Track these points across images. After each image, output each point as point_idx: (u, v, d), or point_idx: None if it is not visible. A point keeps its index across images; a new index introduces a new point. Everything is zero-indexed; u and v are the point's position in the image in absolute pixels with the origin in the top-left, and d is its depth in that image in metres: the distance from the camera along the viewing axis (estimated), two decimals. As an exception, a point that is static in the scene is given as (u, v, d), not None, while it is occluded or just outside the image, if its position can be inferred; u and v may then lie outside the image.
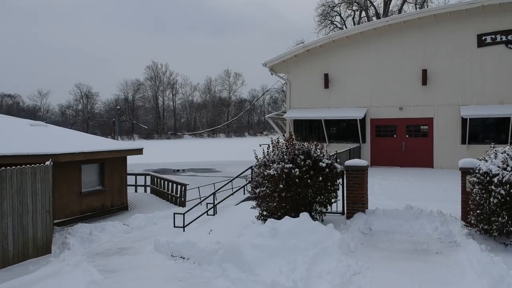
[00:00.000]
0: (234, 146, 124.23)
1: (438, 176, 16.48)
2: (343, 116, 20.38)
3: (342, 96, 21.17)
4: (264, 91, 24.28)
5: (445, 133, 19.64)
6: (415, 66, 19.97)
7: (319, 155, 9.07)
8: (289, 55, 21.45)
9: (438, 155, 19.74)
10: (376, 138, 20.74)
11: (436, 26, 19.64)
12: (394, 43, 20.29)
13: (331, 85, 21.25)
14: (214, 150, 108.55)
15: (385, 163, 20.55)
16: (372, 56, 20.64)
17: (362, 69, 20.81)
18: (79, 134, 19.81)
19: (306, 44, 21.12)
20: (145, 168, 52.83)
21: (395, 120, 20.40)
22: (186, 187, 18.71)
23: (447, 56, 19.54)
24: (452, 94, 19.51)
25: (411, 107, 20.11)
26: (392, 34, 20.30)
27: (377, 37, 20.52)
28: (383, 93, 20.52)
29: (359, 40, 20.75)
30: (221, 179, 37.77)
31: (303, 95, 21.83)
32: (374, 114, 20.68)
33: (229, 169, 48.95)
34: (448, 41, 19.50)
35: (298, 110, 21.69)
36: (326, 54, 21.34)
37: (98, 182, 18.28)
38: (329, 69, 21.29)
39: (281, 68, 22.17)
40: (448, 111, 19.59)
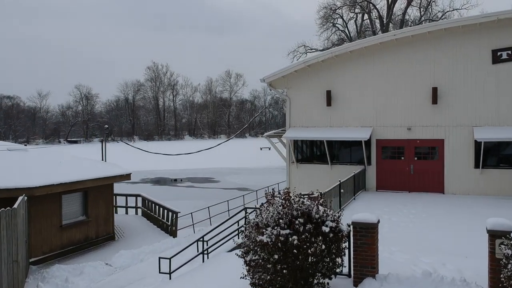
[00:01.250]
0: (234, 148, 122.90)
1: (452, 208, 15.05)
2: (346, 138, 18.95)
3: (346, 115, 19.74)
4: (263, 108, 22.63)
5: (457, 156, 18.21)
6: (425, 84, 18.54)
7: (321, 216, 7.66)
8: (289, 70, 20.02)
9: (449, 179, 18.31)
10: (382, 160, 19.31)
11: (447, 40, 18.20)
12: (402, 59, 18.86)
13: (334, 102, 19.83)
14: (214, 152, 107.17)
15: (391, 187, 19.13)
16: (378, 72, 19.21)
17: (367, 86, 19.39)
18: (62, 159, 18.41)
19: (307, 59, 19.70)
20: (143, 176, 51.59)
21: (403, 141, 18.97)
22: (177, 215, 17.32)
23: (459, 73, 18.10)
24: (465, 114, 18.08)
25: (420, 128, 18.68)
26: (399, 49, 18.86)
27: (383, 52, 19.09)
28: (390, 112, 19.10)
29: (364, 55, 19.32)
30: (219, 193, 36.50)
31: (304, 113, 20.41)
32: (380, 134, 19.26)
33: (227, 178, 47.62)
34: (460, 57, 18.05)
35: (299, 129, 20.27)
36: (328, 69, 19.91)
37: (82, 212, 16.91)
38: (332, 85, 19.86)
39: (280, 84, 20.76)
40: (460, 132, 18.16)
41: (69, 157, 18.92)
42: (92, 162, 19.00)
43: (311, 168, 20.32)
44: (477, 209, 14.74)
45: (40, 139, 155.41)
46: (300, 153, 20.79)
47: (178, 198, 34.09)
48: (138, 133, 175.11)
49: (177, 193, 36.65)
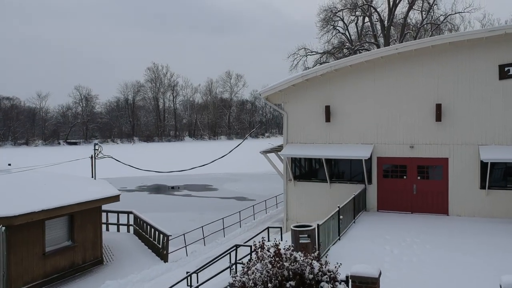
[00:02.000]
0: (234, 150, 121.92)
1: (459, 236, 14.19)
2: (346, 156, 18.10)
3: (346, 131, 18.90)
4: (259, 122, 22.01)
5: (462, 175, 17.36)
6: (428, 100, 17.69)
7: (316, 275, 6.82)
8: (287, 84, 19.17)
9: (453, 200, 17.47)
10: (384, 179, 18.47)
11: (452, 55, 17.34)
12: (404, 73, 18.01)
13: (333, 118, 18.98)
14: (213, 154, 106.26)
15: (393, 207, 18.29)
16: (379, 87, 18.36)
17: (368, 101, 18.54)
18: (48, 179, 17.56)
19: (305, 73, 18.84)
20: (141, 182, 50.75)
21: (405, 159, 18.12)
22: (168, 238, 16.47)
23: (464, 89, 17.24)
24: (470, 132, 17.23)
25: (423, 146, 17.83)
26: (402, 63, 18.01)
27: (385, 66, 18.24)
28: (392, 129, 18.25)
29: (365, 69, 18.48)
30: (215, 203, 35.68)
31: (302, 128, 19.57)
32: (381, 152, 18.41)
33: (226, 185, 46.78)
34: (465, 72, 17.20)
35: (296, 145, 19.43)
36: (327, 83, 19.07)
37: (67, 237, 16.05)
38: (331, 100, 19.02)
39: (277, 98, 19.92)
40: (465, 151, 17.30)
41: (55, 177, 18.08)
42: (80, 182, 18.17)
43: (310, 186, 19.49)
44: (486, 238, 13.88)
45: (40, 140, 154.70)
46: (298, 169, 19.96)
47: (173, 208, 33.30)
48: (138, 134, 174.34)
49: (173, 203, 35.83)
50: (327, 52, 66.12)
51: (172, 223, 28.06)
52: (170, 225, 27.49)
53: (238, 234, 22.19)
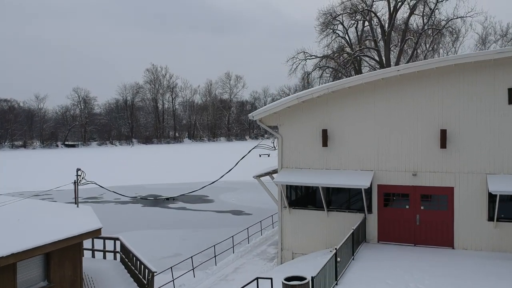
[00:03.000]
0: (234, 153, 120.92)
1: (467, 278, 13.03)
2: (344, 185, 16.94)
3: (344, 157, 17.74)
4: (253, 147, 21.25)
5: (468, 206, 16.22)
6: (432, 125, 16.53)
7: None
8: (281, 106, 18.02)
9: (459, 232, 16.32)
10: (385, 208, 17.31)
11: (458, 77, 16.18)
12: (407, 96, 16.84)
13: (331, 142, 17.82)
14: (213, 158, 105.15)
15: (395, 238, 17.14)
16: (380, 110, 17.19)
17: (367, 125, 17.38)
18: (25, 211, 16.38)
19: (300, 95, 17.67)
20: (136, 191, 49.58)
21: (408, 187, 16.96)
22: (153, 274, 15.32)
23: (471, 113, 16.08)
24: (477, 160, 16.07)
25: (427, 173, 16.67)
26: (404, 85, 16.85)
27: (386, 88, 17.08)
28: (393, 155, 17.10)
29: (364, 91, 17.31)
30: (211, 218, 34.55)
31: (298, 153, 18.42)
32: (382, 179, 17.25)
33: (223, 196, 45.73)
34: (473, 95, 16.04)
35: (292, 171, 18.27)
36: (324, 105, 17.91)
37: (42, 277, 14.86)
38: (328, 123, 17.86)
39: (271, 120, 18.76)
40: (472, 180, 16.15)
41: (33, 207, 16.93)
42: (60, 212, 17.01)
43: (306, 214, 18.34)
44: (499, 282, 12.72)
45: (38, 140, 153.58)
46: (293, 195, 18.80)
47: (166, 225, 32.17)
48: (136, 136, 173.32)
49: (167, 218, 34.68)
50: (327, 56, 65.06)
51: (163, 243, 26.97)
52: (161, 245, 26.43)
53: (231, 261, 21.05)
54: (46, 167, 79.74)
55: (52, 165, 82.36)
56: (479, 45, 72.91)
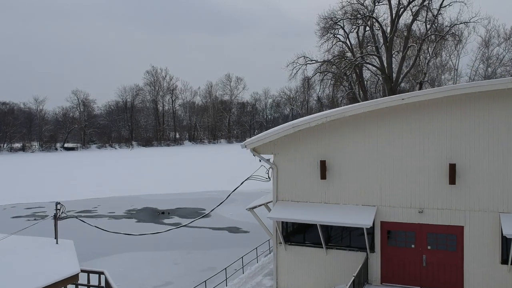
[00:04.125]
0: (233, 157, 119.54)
1: None
2: (344, 223, 15.60)
3: (344, 190, 16.39)
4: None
5: (480, 247, 14.87)
6: (440, 158, 15.17)
7: None
8: (276, 135, 16.67)
9: (469, 276, 14.97)
10: (389, 247, 15.96)
11: (468, 106, 14.82)
12: (412, 126, 15.49)
13: (330, 175, 16.47)
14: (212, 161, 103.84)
15: (399, 280, 15.80)
16: (383, 141, 15.84)
17: (369, 156, 16.02)
18: None
19: (296, 124, 16.31)
20: (131, 204, 48.22)
21: (413, 225, 15.61)
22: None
23: (483, 146, 14.72)
24: (489, 197, 14.72)
25: (434, 211, 15.32)
26: (409, 114, 15.49)
27: (389, 116, 15.73)
28: (398, 190, 15.74)
29: (366, 120, 15.96)
30: (205, 238, 33.21)
31: (294, 184, 17.07)
32: (385, 215, 15.91)
33: (219, 209, 44.16)
34: (484, 126, 14.67)
35: (287, 205, 16.92)
36: (322, 134, 16.56)
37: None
38: (327, 154, 16.51)
39: (266, 149, 17.41)
40: (483, 218, 14.80)
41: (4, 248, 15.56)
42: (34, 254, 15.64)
43: (303, 252, 16.99)
44: None
45: (37, 143, 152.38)
46: (290, 228, 17.45)
47: (159, 245, 30.82)
48: (136, 139, 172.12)
49: (160, 236, 33.29)
50: (327, 61, 63.69)
51: (155, 268, 25.67)
52: (152, 271, 25.10)
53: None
54: (42, 174, 78.51)
55: (49, 172, 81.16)
56: (482, 48, 71.49)
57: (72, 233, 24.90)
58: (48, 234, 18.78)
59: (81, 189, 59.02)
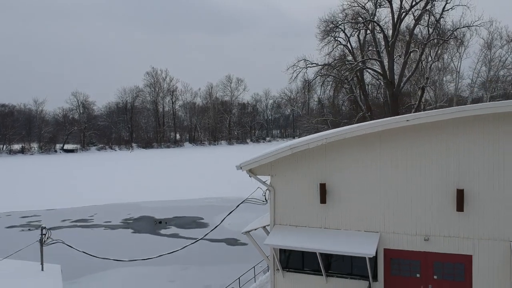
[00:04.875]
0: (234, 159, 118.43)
1: None
2: (345, 252, 14.71)
3: (345, 215, 15.51)
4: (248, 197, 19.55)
5: (490, 277, 13.98)
6: (447, 183, 14.28)
7: None
8: (273, 157, 15.79)
9: (479, 308, 14.07)
10: (392, 277, 15.07)
11: (478, 128, 13.93)
12: (417, 148, 14.60)
13: (330, 199, 15.59)
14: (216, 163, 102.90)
15: (404, 311, 14.90)
16: (386, 163, 14.95)
17: (372, 180, 15.14)
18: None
19: (294, 145, 15.42)
20: (127, 212, 47.33)
21: (418, 253, 14.73)
22: None
23: (493, 170, 13.83)
24: (501, 225, 13.83)
25: (440, 238, 14.44)
26: (414, 136, 14.60)
27: (393, 138, 14.84)
28: (402, 215, 14.86)
29: (367, 141, 15.08)
30: (201, 252, 32.29)
31: (292, 208, 16.19)
32: (389, 242, 15.02)
33: (217, 219, 43.41)
34: (494, 151, 13.79)
35: (285, 229, 16.04)
36: (322, 156, 15.67)
37: None
38: (327, 177, 15.62)
39: (263, 170, 16.52)
40: (493, 247, 13.92)
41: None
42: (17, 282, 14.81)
43: (302, 279, 16.11)
44: None
45: (37, 144, 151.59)
46: (287, 256, 16.56)
47: (152, 261, 29.86)
48: (136, 141, 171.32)
49: (155, 249, 32.42)
50: (328, 65, 62.85)
51: (149, 286, 24.82)
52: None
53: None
54: (40, 179, 77.68)
55: (47, 177, 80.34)
56: (484, 50, 70.57)
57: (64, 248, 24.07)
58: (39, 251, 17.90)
59: (78, 196, 58.22)
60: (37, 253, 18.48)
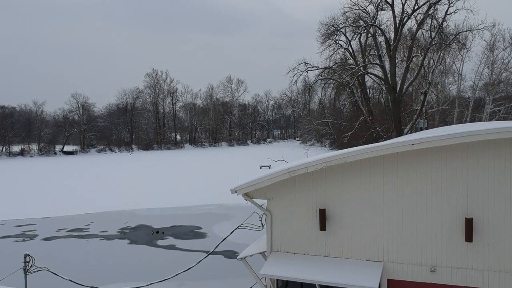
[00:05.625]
0: (234, 161, 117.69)
1: None
2: (347, 284, 13.80)
3: (346, 243, 14.62)
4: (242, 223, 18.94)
5: (501, 312, 13.07)
6: (455, 210, 13.39)
7: None
8: (270, 181, 14.90)
9: None
10: (396, 309, 14.17)
11: (487, 153, 13.03)
12: (424, 173, 13.70)
13: (330, 225, 14.70)
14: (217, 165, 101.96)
15: None
16: (390, 189, 14.06)
17: (375, 206, 14.24)
18: None
19: (293, 169, 14.53)
20: (125, 220, 46.45)
21: (425, 285, 13.84)
22: None
23: (505, 198, 12.93)
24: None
25: (448, 269, 13.54)
26: (420, 160, 13.71)
27: (397, 162, 13.95)
28: (407, 244, 13.97)
29: (370, 165, 14.18)
30: (199, 266, 31.36)
31: (290, 233, 15.30)
32: (393, 273, 14.13)
33: (216, 228, 42.67)
34: (506, 177, 12.88)
35: (283, 258, 15.15)
36: (321, 180, 14.79)
37: None
38: (326, 202, 14.73)
39: (259, 193, 15.64)
40: (505, 280, 13.02)
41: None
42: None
43: (300, 309, 15.22)
44: None
45: (37, 145, 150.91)
46: (284, 284, 15.66)
47: (149, 274, 29.03)
48: (136, 142, 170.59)
49: (150, 263, 31.59)
50: (329, 68, 61.99)
51: None
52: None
53: None
54: (38, 184, 76.93)
55: (45, 182, 79.60)
56: (487, 52, 69.61)
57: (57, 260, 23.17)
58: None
59: (75, 202, 57.41)
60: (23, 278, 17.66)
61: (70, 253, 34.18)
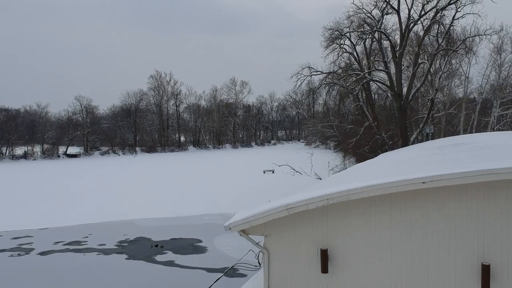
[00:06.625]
0: (237, 163, 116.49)
1: None
2: (350, 335, 12.59)
3: (350, 287, 13.40)
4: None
5: None
6: (470, 255, 12.15)
7: None
8: (267, 218, 13.71)
9: None
10: None
11: (506, 192, 11.77)
12: (435, 212, 12.47)
13: (333, 266, 13.50)
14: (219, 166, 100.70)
15: None
16: (398, 230, 12.84)
17: (381, 248, 13.03)
18: None
19: (291, 205, 13.33)
20: (123, 232, 45.30)
21: (436, 335, 12.58)
22: None
23: (524, 244, 11.67)
24: (534, 308, 11.66)
25: (462, 319, 12.29)
26: (431, 198, 12.48)
27: (406, 200, 12.72)
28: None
29: (376, 203, 12.97)
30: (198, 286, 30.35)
31: (289, 274, 14.11)
32: (401, 320, 12.89)
33: (217, 241, 41.55)
34: (527, 221, 11.62)
35: (281, 300, 13.96)
36: (324, 217, 13.59)
37: None
38: (329, 241, 13.53)
39: (255, 230, 14.45)
40: (525, 333, 11.74)
41: None
42: None
43: None
44: None
45: (40, 147, 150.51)
46: (285, 324, 14.49)
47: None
48: (140, 145, 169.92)
49: (148, 282, 30.49)
50: (333, 73, 60.76)
51: None
52: None
53: None
54: (38, 190, 76.15)
55: (45, 187, 78.83)
56: (494, 54, 68.15)
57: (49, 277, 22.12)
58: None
59: (74, 211, 56.52)
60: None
61: (64, 270, 33.13)
